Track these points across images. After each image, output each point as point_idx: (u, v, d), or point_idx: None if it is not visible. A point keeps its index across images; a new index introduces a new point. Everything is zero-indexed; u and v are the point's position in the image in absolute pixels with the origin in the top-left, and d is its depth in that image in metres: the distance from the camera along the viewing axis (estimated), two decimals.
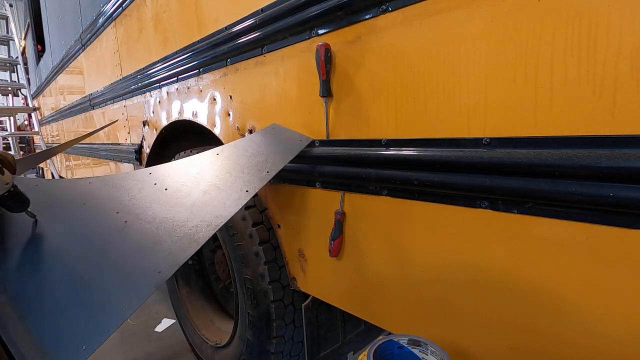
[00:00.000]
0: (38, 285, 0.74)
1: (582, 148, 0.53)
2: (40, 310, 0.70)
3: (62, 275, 0.75)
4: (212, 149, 0.97)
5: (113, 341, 2.08)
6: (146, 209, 0.82)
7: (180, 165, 0.93)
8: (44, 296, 0.72)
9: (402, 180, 0.77)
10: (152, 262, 0.69)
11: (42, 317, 0.68)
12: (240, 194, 0.81)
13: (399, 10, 0.73)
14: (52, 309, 0.69)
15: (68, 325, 0.65)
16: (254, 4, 1.03)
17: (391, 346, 0.75)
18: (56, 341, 0.64)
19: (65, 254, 0.81)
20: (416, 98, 0.73)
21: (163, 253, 0.70)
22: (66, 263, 0.78)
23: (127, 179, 0.91)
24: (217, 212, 0.76)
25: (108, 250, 0.77)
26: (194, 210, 0.77)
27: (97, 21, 2.21)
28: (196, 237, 0.72)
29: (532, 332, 0.65)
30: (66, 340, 0.63)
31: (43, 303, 0.71)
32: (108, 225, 0.82)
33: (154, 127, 1.81)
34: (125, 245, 0.76)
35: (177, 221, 0.76)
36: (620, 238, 0.52)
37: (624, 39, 0.49)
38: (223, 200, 0.80)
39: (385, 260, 0.88)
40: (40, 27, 3.98)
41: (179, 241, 0.72)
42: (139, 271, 0.69)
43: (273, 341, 1.23)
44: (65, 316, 0.67)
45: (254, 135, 1.05)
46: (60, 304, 0.70)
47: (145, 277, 0.67)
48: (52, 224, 0.88)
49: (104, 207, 0.87)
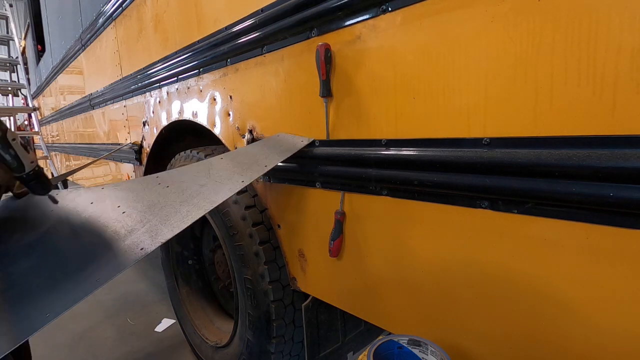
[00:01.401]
0: (28, 265, 0.76)
1: (582, 148, 0.53)
2: (26, 285, 0.72)
3: (50, 252, 0.78)
4: (218, 155, 1.03)
5: (113, 341, 2.08)
6: (144, 200, 0.86)
7: (186, 169, 0.98)
8: (31, 273, 0.74)
9: (402, 180, 0.77)
10: (136, 240, 0.73)
11: (27, 290, 0.70)
12: (236, 183, 0.85)
13: (399, 10, 0.73)
14: (39, 284, 0.71)
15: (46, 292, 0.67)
16: (254, 4, 1.03)
17: (391, 346, 0.75)
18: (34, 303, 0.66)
19: (58, 238, 0.86)
20: (416, 98, 0.73)
21: (150, 232, 0.74)
22: (58, 244, 0.83)
23: (136, 182, 0.97)
24: (210, 198, 0.80)
25: (99, 235, 0.81)
26: (188, 199, 0.81)
27: (97, 21, 2.21)
28: (186, 218, 0.75)
29: (532, 332, 0.65)
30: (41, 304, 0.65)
31: (29, 279, 0.73)
32: (107, 216, 0.86)
33: (153, 127, 1.81)
34: (115, 229, 0.80)
35: (170, 206, 0.80)
36: (620, 238, 0.52)
37: (624, 39, 0.48)
38: (218, 189, 0.84)
39: (385, 260, 0.88)
40: (40, 27, 3.98)
41: (167, 221, 0.75)
42: (120, 248, 0.72)
43: (273, 341, 1.23)
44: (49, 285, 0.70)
45: (258, 142, 1.08)
46: (44, 277, 0.72)
47: (126, 253, 0.70)
48: (57, 217, 0.91)
49: (108, 203, 0.90)
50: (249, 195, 1.25)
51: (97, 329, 2.21)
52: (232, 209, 1.24)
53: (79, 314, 2.35)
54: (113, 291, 2.66)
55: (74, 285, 0.66)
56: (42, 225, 0.90)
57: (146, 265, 3.11)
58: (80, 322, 2.28)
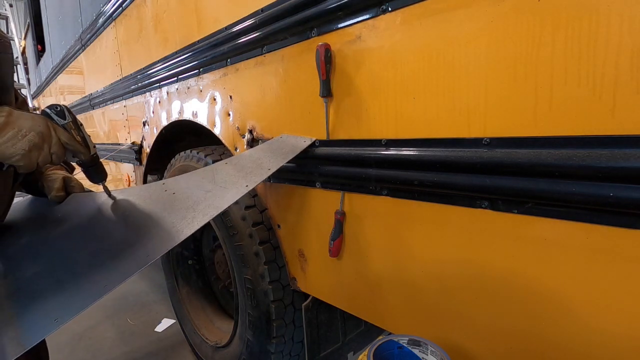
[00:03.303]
0: (35, 269, 0.77)
1: (582, 148, 0.53)
2: (29, 286, 0.72)
3: (56, 258, 0.79)
4: (223, 160, 1.04)
5: (113, 341, 2.08)
6: (150, 207, 0.86)
7: (191, 175, 0.99)
8: (38, 277, 0.74)
9: (402, 180, 0.77)
10: (143, 247, 0.73)
11: (30, 292, 0.70)
12: (240, 188, 0.85)
13: (398, 10, 0.73)
14: (43, 285, 0.71)
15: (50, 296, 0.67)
16: (254, 4, 1.03)
17: (391, 346, 0.76)
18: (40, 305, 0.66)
19: (65, 240, 0.86)
20: (416, 98, 0.73)
21: (155, 239, 0.74)
22: (64, 248, 0.83)
23: (143, 189, 0.98)
24: (215, 204, 0.81)
25: (104, 240, 0.82)
26: (193, 205, 0.81)
27: (97, 21, 2.21)
28: (191, 224, 0.75)
29: (532, 332, 0.65)
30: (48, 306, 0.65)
31: (36, 283, 0.73)
32: (110, 222, 0.87)
33: (153, 127, 1.81)
34: (120, 234, 0.81)
35: (176, 213, 0.81)
36: (620, 238, 0.52)
37: (624, 39, 0.48)
38: (222, 194, 0.84)
39: (385, 260, 0.88)
40: (40, 27, 3.98)
41: (172, 228, 0.75)
42: (128, 254, 0.72)
43: (273, 341, 1.23)
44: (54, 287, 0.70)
45: (262, 145, 1.09)
46: (49, 280, 0.72)
47: (132, 260, 0.70)
48: (63, 220, 0.91)
49: (115, 209, 0.91)
50: (249, 195, 1.25)
51: (97, 328, 2.21)
52: (232, 209, 1.24)
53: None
54: (113, 291, 2.65)
55: (81, 289, 0.66)
56: (50, 229, 0.91)
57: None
58: (81, 322, 2.28)
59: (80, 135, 0.77)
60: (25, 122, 0.68)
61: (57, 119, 0.74)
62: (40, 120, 0.71)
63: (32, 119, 0.70)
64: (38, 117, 0.72)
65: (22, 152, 0.67)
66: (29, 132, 0.68)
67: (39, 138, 0.69)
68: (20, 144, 0.67)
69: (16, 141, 0.67)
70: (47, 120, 0.72)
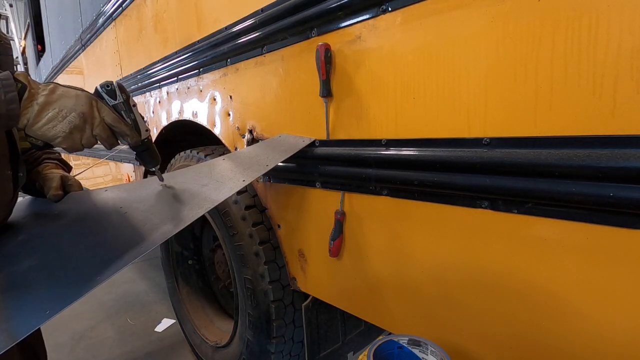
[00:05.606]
0: (29, 264, 0.77)
1: (582, 148, 0.53)
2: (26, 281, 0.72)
3: (51, 253, 0.79)
4: (220, 157, 1.04)
5: (113, 341, 2.08)
6: (145, 202, 0.86)
7: (188, 170, 0.99)
8: (32, 272, 0.74)
9: (402, 180, 0.77)
10: (137, 239, 0.73)
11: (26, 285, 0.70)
12: (237, 182, 0.85)
13: (399, 10, 0.73)
14: (38, 279, 0.71)
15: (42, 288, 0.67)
16: (254, 4, 1.03)
17: (391, 346, 0.76)
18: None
19: (61, 235, 0.85)
20: (416, 98, 0.73)
21: (150, 232, 0.74)
22: (60, 243, 0.82)
23: (138, 184, 0.97)
24: (211, 197, 0.80)
25: (99, 234, 0.81)
26: (190, 198, 0.81)
27: (97, 21, 2.21)
28: (186, 217, 0.75)
29: (532, 332, 0.65)
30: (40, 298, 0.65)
31: (29, 278, 0.73)
32: (109, 216, 0.86)
33: (153, 127, 1.81)
34: (114, 229, 0.81)
35: (172, 206, 0.81)
36: (620, 238, 0.52)
37: (624, 39, 0.48)
38: (219, 188, 0.84)
39: (385, 260, 0.88)
40: (40, 27, 3.98)
41: (168, 220, 0.75)
42: (123, 246, 0.72)
43: (273, 341, 1.23)
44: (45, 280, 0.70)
45: (260, 142, 1.09)
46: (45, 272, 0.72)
47: (126, 252, 0.69)
48: (61, 217, 0.92)
49: (110, 204, 0.90)
50: (249, 195, 1.25)
51: (97, 329, 2.21)
52: (232, 209, 1.24)
53: (79, 313, 2.35)
54: (113, 291, 2.66)
55: (74, 281, 0.66)
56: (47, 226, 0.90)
57: (146, 265, 3.11)
58: (81, 322, 2.28)
59: (132, 117, 0.72)
60: (67, 101, 0.64)
61: (107, 98, 0.69)
62: (84, 99, 0.65)
63: (75, 97, 0.65)
64: (82, 95, 0.66)
65: (64, 134, 0.63)
66: (69, 112, 0.63)
67: (80, 119, 0.64)
68: (61, 125, 0.62)
69: (57, 122, 0.62)
70: (93, 99, 0.67)
